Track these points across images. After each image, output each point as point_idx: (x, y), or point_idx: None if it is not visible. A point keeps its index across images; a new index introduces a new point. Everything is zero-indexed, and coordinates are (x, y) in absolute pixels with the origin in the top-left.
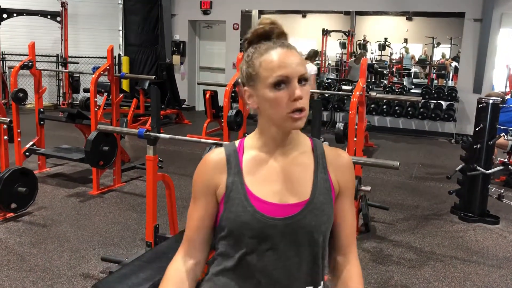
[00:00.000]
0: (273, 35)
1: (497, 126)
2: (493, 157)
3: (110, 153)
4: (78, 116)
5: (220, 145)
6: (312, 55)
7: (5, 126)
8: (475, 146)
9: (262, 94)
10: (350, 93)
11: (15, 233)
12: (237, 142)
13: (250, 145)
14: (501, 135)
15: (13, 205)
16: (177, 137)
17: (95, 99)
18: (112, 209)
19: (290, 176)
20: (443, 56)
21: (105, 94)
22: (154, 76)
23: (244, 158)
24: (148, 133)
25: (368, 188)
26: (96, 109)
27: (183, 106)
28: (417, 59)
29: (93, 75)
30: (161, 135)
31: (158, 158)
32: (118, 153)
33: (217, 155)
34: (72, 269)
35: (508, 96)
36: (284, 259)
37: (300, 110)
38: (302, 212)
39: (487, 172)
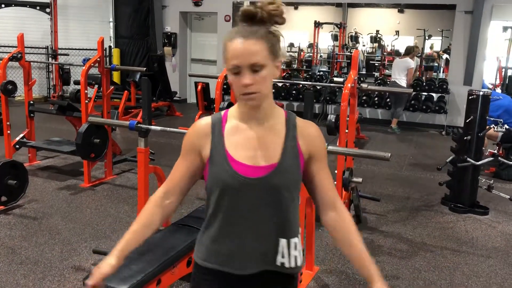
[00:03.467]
0: (255, 18)
1: (487, 117)
2: (483, 148)
3: (101, 146)
4: (69, 108)
5: None
6: (409, 51)
7: None
8: (465, 138)
9: (228, 74)
10: (342, 85)
11: (6, 226)
12: (222, 112)
13: (232, 115)
14: (491, 126)
15: (3, 198)
16: (168, 129)
17: (86, 91)
18: (104, 201)
19: (263, 143)
20: (431, 47)
21: (96, 86)
22: (145, 68)
23: (226, 126)
24: (139, 125)
25: (360, 180)
26: (86, 101)
27: (175, 98)
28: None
29: (84, 67)
30: (153, 127)
31: (149, 150)
32: (109, 146)
33: (204, 122)
34: (64, 261)
35: (498, 89)
36: (257, 212)
37: (250, 93)
38: (272, 173)
39: (477, 163)
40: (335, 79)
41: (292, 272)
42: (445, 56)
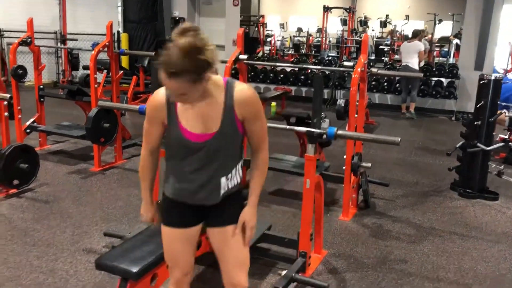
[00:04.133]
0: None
1: (498, 102)
2: (493, 134)
3: (111, 130)
4: (78, 93)
5: None
6: (416, 34)
7: (5, 102)
8: (475, 123)
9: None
10: (352, 70)
11: (18, 209)
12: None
13: None
14: (502, 111)
15: (16, 182)
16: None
17: (95, 76)
18: (114, 185)
19: (206, 116)
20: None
21: (105, 71)
22: (154, 53)
23: (178, 105)
24: None
25: (369, 165)
26: (96, 86)
27: None
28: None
29: (93, 52)
30: None
31: None
32: (118, 130)
33: (159, 96)
34: (75, 244)
35: (510, 74)
36: (204, 163)
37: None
38: (213, 138)
39: (487, 148)
40: (345, 63)
41: (235, 189)
42: (455, 41)
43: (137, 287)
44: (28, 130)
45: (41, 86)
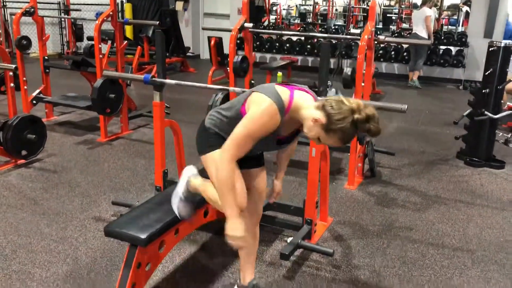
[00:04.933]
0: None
1: (507, 70)
2: (502, 102)
3: (117, 101)
4: (83, 63)
5: (227, 91)
6: (425, 1)
7: (11, 73)
8: (484, 91)
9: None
10: (359, 37)
11: (27, 178)
12: (286, 102)
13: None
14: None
15: (24, 152)
16: (183, 82)
17: (100, 46)
18: (121, 155)
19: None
20: None
21: (109, 42)
22: (158, 22)
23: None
24: (154, 79)
25: None
26: (101, 56)
27: (188, 54)
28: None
29: (97, 22)
30: (167, 80)
31: (164, 104)
32: (124, 101)
33: (277, 111)
34: (84, 212)
35: None
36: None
37: None
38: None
39: (495, 116)
40: (352, 30)
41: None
42: (465, 8)
43: (146, 253)
44: (34, 101)
45: (46, 57)
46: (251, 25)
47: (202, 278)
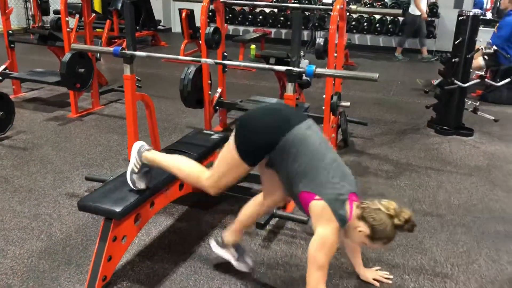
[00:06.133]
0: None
1: (475, 39)
2: (471, 71)
3: (86, 75)
4: (50, 37)
5: (199, 63)
6: None
7: None
8: (453, 60)
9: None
10: (331, 7)
11: None
12: (347, 216)
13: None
14: (480, 47)
15: None
16: (154, 54)
17: (67, 19)
18: (93, 131)
19: None
20: None
21: (77, 16)
22: None
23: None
24: (124, 51)
25: (348, 104)
26: (68, 29)
27: (159, 27)
28: None
29: None
30: (138, 52)
31: (136, 77)
32: (94, 76)
33: (338, 232)
34: (57, 189)
35: (488, 13)
36: None
37: None
38: None
39: (464, 85)
40: (324, 0)
41: None
42: None
43: (121, 227)
44: (0, 77)
45: (10, 31)
46: None
47: (179, 250)
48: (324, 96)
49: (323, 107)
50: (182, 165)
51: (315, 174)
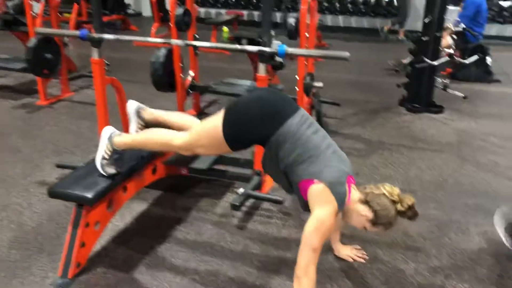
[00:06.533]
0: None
1: (444, 17)
2: (440, 48)
3: (54, 61)
4: (14, 22)
5: (169, 45)
6: None
7: None
8: (423, 38)
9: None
10: None
11: None
12: (346, 198)
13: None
14: (448, 25)
15: None
16: (122, 37)
17: (30, 2)
18: (63, 118)
19: None
20: None
21: (42, 0)
22: None
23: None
24: (91, 34)
25: (320, 84)
26: (33, 13)
27: (129, 11)
28: None
29: None
30: (106, 35)
31: (104, 61)
32: (62, 61)
33: (336, 215)
34: (27, 177)
35: None
36: None
37: None
38: None
39: (434, 63)
40: None
41: None
42: None
43: (93, 212)
44: None
45: None
46: None
47: (155, 234)
48: (297, 76)
49: (297, 89)
50: (155, 136)
51: (312, 162)
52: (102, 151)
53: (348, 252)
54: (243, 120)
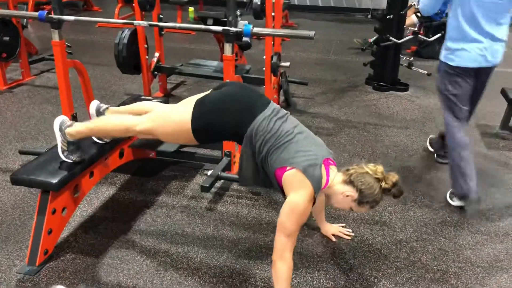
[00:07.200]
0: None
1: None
2: (405, 27)
3: (13, 44)
4: None
5: (133, 25)
6: None
7: None
8: (388, 17)
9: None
10: None
11: None
12: (323, 185)
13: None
14: (412, 4)
15: None
16: (83, 18)
17: None
18: (25, 103)
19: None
20: None
21: None
22: None
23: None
24: (50, 15)
25: (287, 64)
26: None
27: None
28: None
29: None
30: (65, 16)
31: (65, 43)
32: (22, 44)
33: (313, 198)
34: None
35: None
36: None
37: None
38: None
39: (399, 41)
40: None
41: None
42: None
43: (59, 198)
44: None
45: None
46: None
47: (123, 218)
48: (264, 56)
49: (264, 69)
50: (114, 123)
51: (284, 148)
52: (60, 143)
53: (333, 230)
54: (214, 116)
